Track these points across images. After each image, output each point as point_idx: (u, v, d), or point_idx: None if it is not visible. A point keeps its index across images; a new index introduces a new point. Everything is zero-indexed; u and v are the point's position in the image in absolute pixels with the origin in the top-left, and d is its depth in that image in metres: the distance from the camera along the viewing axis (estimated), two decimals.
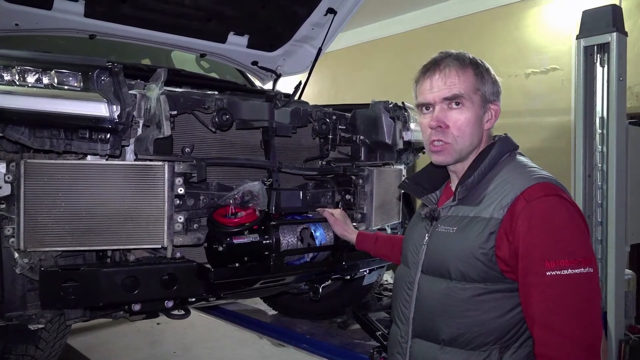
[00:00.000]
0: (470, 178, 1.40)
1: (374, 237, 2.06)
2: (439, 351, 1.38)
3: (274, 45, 3.59)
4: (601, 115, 2.99)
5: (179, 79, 2.69)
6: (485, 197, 1.36)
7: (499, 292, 1.32)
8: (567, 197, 1.29)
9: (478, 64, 1.42)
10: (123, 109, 1.81)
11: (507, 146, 1.44)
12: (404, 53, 6.77)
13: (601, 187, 2.99)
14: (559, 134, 5.31)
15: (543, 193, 1.28)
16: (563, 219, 1.25)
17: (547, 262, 1.22)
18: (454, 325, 1.36)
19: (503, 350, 1.31)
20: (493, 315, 1.32)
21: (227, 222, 2.06)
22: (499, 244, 1.30)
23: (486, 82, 1.41)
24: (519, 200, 1.29)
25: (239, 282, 2.10)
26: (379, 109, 2.69)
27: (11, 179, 1.80)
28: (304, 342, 3.49)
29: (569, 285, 1.21)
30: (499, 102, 1.44)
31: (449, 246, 1.39)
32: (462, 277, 1.35)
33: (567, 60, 5.35)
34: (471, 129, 1.40)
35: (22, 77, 1.71)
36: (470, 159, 1.45)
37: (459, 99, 1.38)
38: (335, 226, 2.20)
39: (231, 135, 2.35)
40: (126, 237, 1.90)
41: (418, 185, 1.58)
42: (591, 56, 3.00)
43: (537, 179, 1.32)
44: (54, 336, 2.31)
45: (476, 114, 1.40)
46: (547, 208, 1.26)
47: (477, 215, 1.36)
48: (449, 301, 1.37)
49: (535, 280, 1.23)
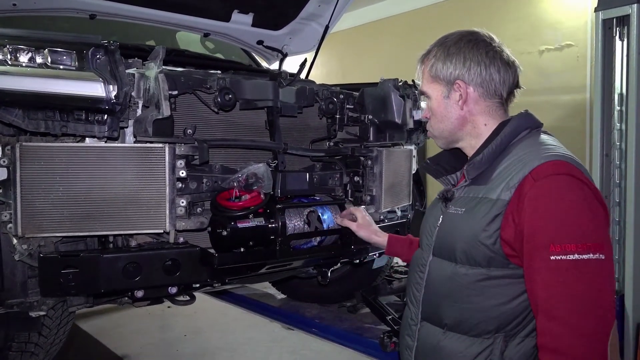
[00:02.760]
0: (478, 156, 1.35)
1: (407, 240, 1.87)
2: (442, 335, 1.35)
3: (280, 23, 3.49)
4: (620, 92, 2.89)
5: (182, 59, 2.63)
6: (496, 177, 1.30)
7: (504, 278, 1.26)
8: (583, 177, 1.20)
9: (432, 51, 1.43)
10: (120, 89, 1.74)
11: (525, 123, 1.37)
12: (413, 32, 6.65)
13: (619, 166, 2.90)
14: (573, 112, 5.20)
15: (553, 171, 1.20)
16: (573, 200, 1.17)
17: (552, 246, 1.14)
18: (457, 310, 1.32)
19: (508, 339, 1.26)
20: (497, 301, 1.27)
21: (231, 206, 2.01)
22: (504, 226, 1.23)
23: (444, 64, 1.39)
24: (527, 179, 1.21)
25: (244, 267, 2.05)
26: (388, 88, 2.61)
27: (7, 163, 1.76)
28: (314, 326, 3.47)
29: (575, 271, 1.13)
30: (465, 79, 1.37)
31: (456, 228, 1.35)
32: (467, 261, 1.31)
33: (582, 36, 5.21)
34: (440, 115, 1.44)
35: (14, 56, 1.65)
36: (481, 139, 1.40)
37: (425, 94, 1.48)
38: (360, 231, 2.01)
39: (234, 116, 2.29)
40: (127, 222, 1.85)
41: (438, 166, 1.53)
42: (610, 29, 2.88)
43: (549, 156, 1.23)
44: (57, 323, 2.28)
45: (438, 100, 1.43)
46: (556, 187, 1.18)
47: (485, 196, 1.30)
48: (453, 285, 1.34)
49: (539, 265, 1.16)
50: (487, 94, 1.38)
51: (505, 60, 1.37)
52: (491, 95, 1.38)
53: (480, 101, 1.39)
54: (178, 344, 3.68)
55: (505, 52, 1.38)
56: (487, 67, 1.36)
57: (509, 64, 1.37)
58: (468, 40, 1.38)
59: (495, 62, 1.36)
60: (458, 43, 1.38)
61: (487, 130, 1.40)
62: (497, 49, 1.37)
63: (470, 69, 1.36)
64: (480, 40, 1.38)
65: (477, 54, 1.36)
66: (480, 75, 1.36)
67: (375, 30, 7.42)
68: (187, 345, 3.65)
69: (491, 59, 1.36)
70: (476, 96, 1.38)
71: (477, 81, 1.37)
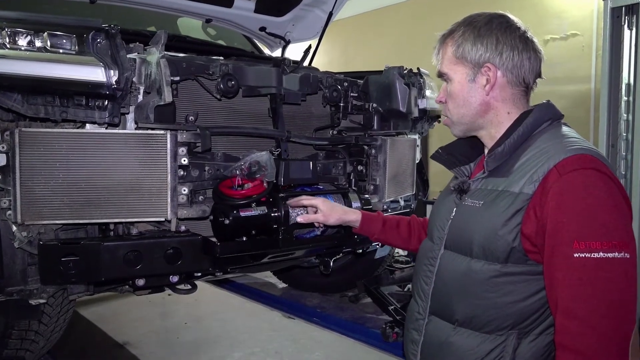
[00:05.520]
0: (500, 147, 1.29)
1: (380, 219, 1.77)
2: (452, 331, 1.31)
3: (283, 9, 3.43)
4: (627, 82, 2.86)
5: (183, 46, 2.59)
6: (517, 169, 1.25)
7: (521, 275, 1.22)
8: (609, 171, 1.16)
9: (458, 31, 1.33)
10: (121, 74, 1.71)
11: (546, 114, 1.31)
12: (417, 20, 6.58)
13: (625, 157, 2.89)
14: (578, 103, 5.16)
15: (579, 165, 1.15)
16: (600, 196, 1.12)
17: (576, 243, 1.10)
18: (470, 306, 1.28)
19: (521, 336, 1.22)
20: (512, 298, 1.22)
21: (233, 194, 1.98)
22: (525, 220, 1.19)
23: (474, 46, 1.30)
24: (552, 173, 1.16)
25: (246, 257, 2.03)
26: (393, 75, 2.57)
27: (6, 149, 1.73)
28: (315, 315, 3.46)
29: (599, 270, 1.08)
30: (496, 63, 1.30)
31: (473, 221, 1.29)
32: (484, 256, 1.26)
33: (588, 25, 5.16)
34: (462, 100, 1.36)
35: (13, 39, 1.62)
36: (502, 128, 1.34)
37: (445, 75, 1.39)
38: (329, 219, 1.80)
39: (237, 103, 2.26)
40: (128, 210, 1.83)
41: (451, 155, 1.47)
42: (618, 18, 2.85)
43: (575, 150, 1.18)
44: (57, 311, 2.27)
45: (462, 83, 1.35)
46: (582, 183, 1.13)
47: (505, 189, 1.25)
48: (467, 280, 1.29)
49: (561, 262, 1.12)
50: (515, 80, 1.32)
51: (536, 47, 1.31)
52: (518, 83, 1.32)
53: (507, 88, 1.32)
54: (179, 331, 3.68)
55: (535, 39, 1.32)
56: (520, 52, 1.29)
57: (537, 52, 1.32)
58: (500, 23, 1.31)
59: (528, 47, 1.30)
60: (489, 24, 1.31)
61: (509, 120, 1.34)
62: (529, 34, 1.31)
63: (503, 52, 1.29)
64: (512, 24, 1.31)
65: (511, 38, 1.29)
66: (512, 60, 1.29)
67: (379, 18, 7.34)
68: (187, 333, 3.65)
69: (524, 44, 1.29)
70: (504, 82, 1.32)
71: (508, 66, 1.30)
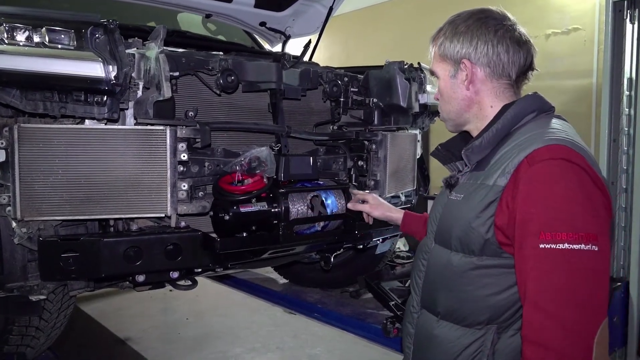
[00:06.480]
0: (477, 140, 1.30)
1: (423, 219, 1.82)
2: (435, 324, 1.34)
3: (283, 4, 3.40)
4: (629, 76, 2.85)
5: (183, 41, 2.58)
6: (495, 162, 1.25)
7: (496, 268, 1.22)
8: (583, 162, 1.13)
9: (443, 29, 1.39)
10: (120, 69, 1.70)
11: (530, 106, 1.30)
12: (418, 14, 6.54)
13: (627, 152, 2.87)
14: (579, 97, 5.13)
15: (549, 156, 1.13)
16: (569, 187, 1.10)
17: (542, 233, 1.08)
18: (450, 299, 1.30)
19: (501, 331, 1.22)
20: (488, 291, 1.23)
21: (233, 190, 1.98)
22: (498, 212, 1.19)
23: (451, 43, 1.35)
24: (523, 164, 1.16)
25: (247, 252, 2.02)
26: (394, 70, 2.55)
27: (5, 145, 1.73)
28: (316, 311, 3.45)
29: (564, 261, 1.06)
30: (471, 58, 1.32)
31: (454, 215, 1.32)
32: (461, 249, 1.27)
33: (590, 20, 5.12)
34: (447, 96, 1.42)
35: (11, 35, 1.60)
36: (487, 122, 1.34)
37: (434, 73, 1.45)
38: (374, 211, 2.01)
39: (237, 99, 2.25)
40: (127, 206, 1.82)
41: (448, 152, 1.48)
42: (620, 12, 2.83)
43: (548, 140, 1.17)
44: (58, 307, 2.27)
45: (445, 80, 1.41)
46: (550, 173, 1.12)
47: (482, 182, 1.25)
48: (447, 273, 1.31)
49: (528, 253, 1.11)
50: (494, 74, 1.32)
51: (516, 39, 1.30)
52: (499, 76, 1.32)
53: (487, 82, 1.33)
54: (180, 327, 3.69)
55: (517, 31, 1.31)
56: (495, 46, 1.29)
57: (519, 44, 1.30)
58: (477, 19, 1.32)
59: (504, 41, 1.29)
60: (467, 21, 1.33)
61: (494, 113, 1.34)
62: (509, 27, 1.30)
63: (477, 47, 1.31)
64: (490, 18, 1.32)
65: (485, 32, 1.30)
66: (487, 54, 1.30)
67: (380, 13, 7.31)
68: (189, 328, 3.66)
69: (500, 38, 1.29)
70: (483, 76, 1.33)
71: (483, 61, 1.31)
